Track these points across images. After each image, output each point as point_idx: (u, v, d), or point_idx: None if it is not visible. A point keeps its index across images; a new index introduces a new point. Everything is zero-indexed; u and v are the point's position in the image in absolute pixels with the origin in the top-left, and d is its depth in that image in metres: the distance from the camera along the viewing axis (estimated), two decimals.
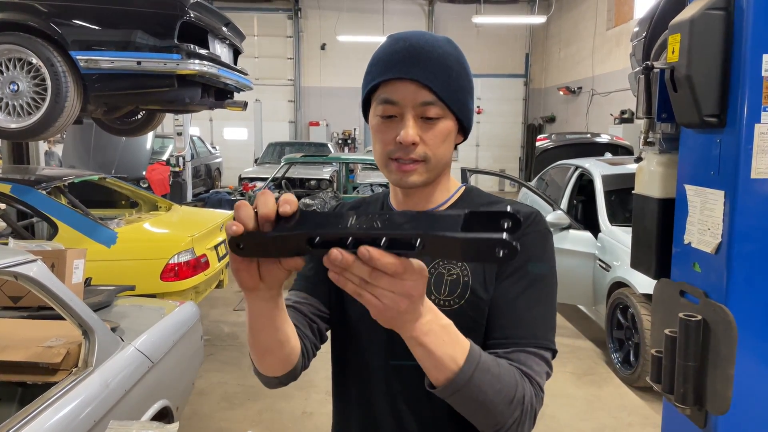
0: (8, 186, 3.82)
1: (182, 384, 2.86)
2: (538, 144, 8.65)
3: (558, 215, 4.94)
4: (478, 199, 1.04)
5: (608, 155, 6.67)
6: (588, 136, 8.73)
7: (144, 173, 8.91)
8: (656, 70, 2.23)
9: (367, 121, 0.99)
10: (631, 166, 4.52)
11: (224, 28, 4.69)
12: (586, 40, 14.20)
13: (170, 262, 3.84)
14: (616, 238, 4.46)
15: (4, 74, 3.98)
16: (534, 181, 6.55)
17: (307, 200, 6.93)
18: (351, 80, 16.35)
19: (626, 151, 7.72)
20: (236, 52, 5.10)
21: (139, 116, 5.63)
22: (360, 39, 15.57)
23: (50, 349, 2.17)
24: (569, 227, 4.90)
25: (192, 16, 4.10)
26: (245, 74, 5.03)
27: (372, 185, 9.11)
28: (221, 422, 3.59)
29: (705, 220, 2.08)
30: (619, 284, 4.28)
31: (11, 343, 2.25)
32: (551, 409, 3.79)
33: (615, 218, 4.76)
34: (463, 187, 1.06)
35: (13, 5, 3.98)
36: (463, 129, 0.98)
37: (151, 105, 4.87)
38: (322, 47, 17.31)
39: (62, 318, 2.14)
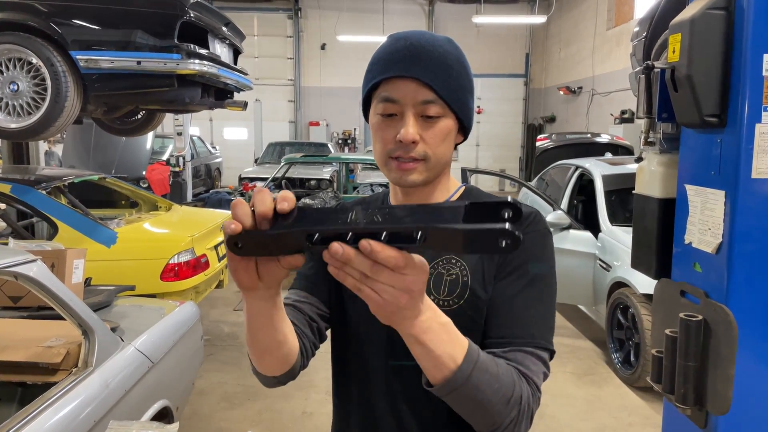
0: (8, 186, 3.82)
1: (182, 384, 2.86)
2: (538, 144, 8.64)
3: (558, 215, 4.94)
4: (478, 199, 1.04)
5: (608, 155, 6.67)
6: (588, 136, 8.72)
7: (144, 173, 8.91)
8: (657, 69, 2.22)
9: (368, 120, 0.98)
10: (632, 166, 4.52)
11: (224, 28, 4.69)
12: (587, 40, 14.19)
13: (170, 262, 3.84)
14: (617, 238, 4.46)
15: (4, 74, 3.97)
16: (534, 181, 6.54)
17: (308, 200, 6.92)
18: (351, 80, 16.34)
19: (626, 151, 7.71)
20: (236, 52, 5.10)
21: (139, 116, 5.63)
22: (360, 39, 15.56)
23: (50, 349, 2.17)
24: (569, 227, 4.90)
25: (192, 15, 4.11)
26: (245, 74, 5.03)
27: (372, 185, 9.11)
28: (221, 422, 3.59)
29: (705, 220, 2.08)
30: (620, 284, 4.28)
31: (11, 343, 2.25)
32: (551, 409, 3.78)
33: (615, 218, 4.76)
34: (463, 187, 1.06)
35: (13, 5, 3.98)
36: (464, 128, 0.98)
37: (151, 105, 4.87)
38: (322, 47, 17.31)
39: (62, 318, 2.14)
